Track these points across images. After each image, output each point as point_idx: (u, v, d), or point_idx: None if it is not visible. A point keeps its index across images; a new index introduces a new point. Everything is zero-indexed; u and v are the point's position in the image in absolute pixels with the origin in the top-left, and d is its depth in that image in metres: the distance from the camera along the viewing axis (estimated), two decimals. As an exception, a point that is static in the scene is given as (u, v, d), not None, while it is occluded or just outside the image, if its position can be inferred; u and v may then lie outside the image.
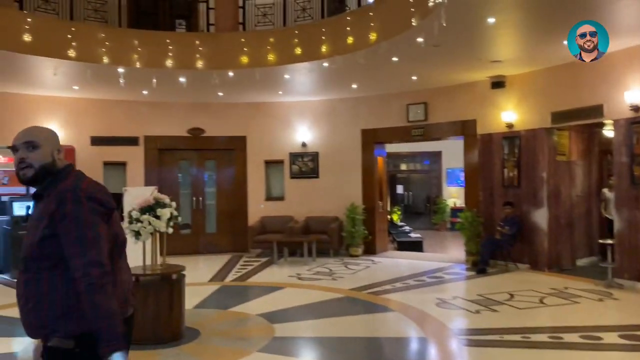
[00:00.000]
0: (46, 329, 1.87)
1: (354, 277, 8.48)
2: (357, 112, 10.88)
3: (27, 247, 1.90)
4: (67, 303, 1.85)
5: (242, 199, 11.42)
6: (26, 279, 1.89)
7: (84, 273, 1.80)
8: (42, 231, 1.85)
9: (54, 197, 1.88)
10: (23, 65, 7.82)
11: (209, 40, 8.47)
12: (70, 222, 1.83)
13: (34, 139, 1.94)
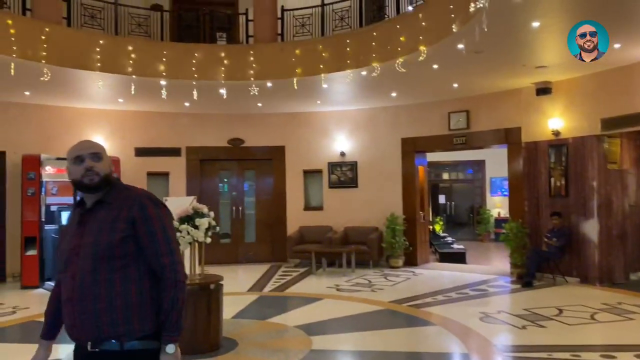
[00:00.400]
0: (119, 329, 1.95)
1: (394, 289, 8.31)
2: (397, 120, 10.74)
3: (101, 248, 1.97)
4: (140, 301, 1.98)
5: (281, 208, 11.44)
6: (96, 279, 1.95)
7: (172, 270, 2.01)
8: (120, 233, 1.97)
9: (127, 203, 2.03)
10: (71, 79, 8.11)
11: (248, 51, 8.55)
12: (155, 224, 2.00)
13: (99, 150, 2.10)
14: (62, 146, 9.92)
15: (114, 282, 1.96)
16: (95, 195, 2.07)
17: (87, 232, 2.02)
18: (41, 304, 7.81)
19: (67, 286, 2.01)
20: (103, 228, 2.00)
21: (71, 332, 2.01)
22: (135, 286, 1.99)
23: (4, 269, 9.38)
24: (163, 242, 2.01)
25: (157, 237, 2.01)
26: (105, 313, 1.95)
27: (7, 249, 9.37)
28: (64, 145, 10.04)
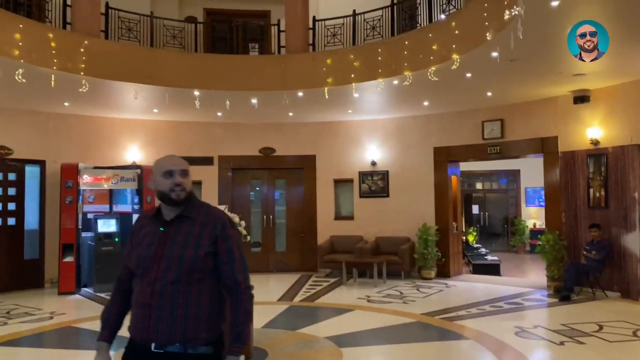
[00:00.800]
0: (187, 335, 2.10)
1: (427, 301, 8.17)
2: (429, 129, 10.62)
3: (186, 261, 2.12)
4: (210, 313, 2.15)
5: (312, 217, 11.43)
6: (176, 289, 2.11)
7: (246, 286, 2.21)
8: (205, 248, 2.15)
9: (209, 221, 2.20)
10: (108, 91, 8.32)
11: (280, 61, 8.62)
12: (233, 243, 2.20)
13: (187, 168, 2.25)
14: (99, 155, 10.21)
15: (191, 293, 2.13)
16: (175, 209, 2.21)
17: (170, 243, 2.16)
18: (77, 309, 8.01)
19: (144, 291, 2.13)
20: (189, 243, 2.15)
21: (140, 333, 2.13)
22: (208, 298, 2.16)
23: (43, 275, 9.64)
24: (239, 260, 2.21)
25: (234, 255, 2.20)
26: (180, 320, 2.10)
27: (46, 255, 9.63)
28: (101, 154, 10.34)
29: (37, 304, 8.14)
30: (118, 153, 10.54)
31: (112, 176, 9.49)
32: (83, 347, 6.15)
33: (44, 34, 7.11)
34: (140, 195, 9.79)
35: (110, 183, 9.52)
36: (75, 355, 5.83)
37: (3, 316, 7.32)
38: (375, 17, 8.99)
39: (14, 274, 9.29)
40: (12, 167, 9.42)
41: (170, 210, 2.22)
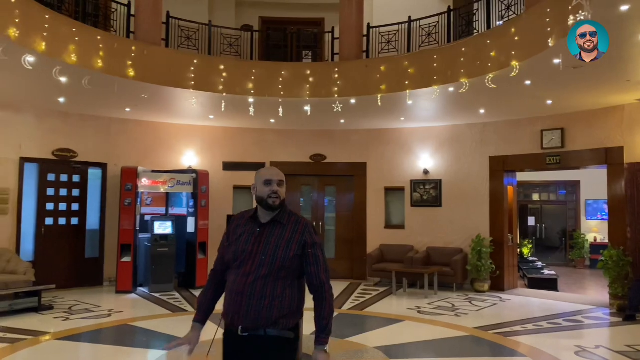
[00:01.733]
0: (271, 321, 2.46)
1: (479, 315, 7.92)
2: (485, 138, 10.34)
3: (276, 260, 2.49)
4: (291, 305, 2.51)
5: (361, 225, 11.36)
6: (265, 283, 2.48)
7: (329, 287, 2.56)
8: (294, 251, 2.52)
9: (298, 228, 2.57)
10: (167, 97, 8.60)
11: (333, 68, 8.63)
12: (318, 249, 2.58)
13: (284, 179, 2.63)
14: (157, 159, 10.56)
15: (277, 286, 2.49)
16: (270, 214, 2.58)
17: (265, 243, 2.53)
18: (133, 308, 8.27)
19: (239, 281, 2.50)
20: (280, 245, 2.53)
21: (231, 318, 2.50)
22: (290, 291, 2.52)
23: (102, 273, 10.05)
24: (322, 263, 2.57)
25: (319, 259, 2.56)
26: (266, 309, 2.46)
27: (105, 254, 10.04)
28: (159, 158, 10.70)
29: (97, 301, 8.48)
30: (175, 157, 10.86)
31: (169, 180, 9.79)
32: (138, 345, 6.35)
33: (111, 43, 7.44)
34: (195, 198, 10.05)
35: (167, 186, 9.82)
36: (131, 353, 6.01)
37: (65, 311, 7.67)
38: (431, 24, 8.87)
39: (76, 271, 9.73)
40: (76, 169, 9.89)
41: (265, 214, 2.59)
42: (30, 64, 6.42)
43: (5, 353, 5.60)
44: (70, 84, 7.42)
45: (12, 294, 7.58)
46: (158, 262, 9.41)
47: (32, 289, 7.77)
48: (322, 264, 2.56)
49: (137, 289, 9.51)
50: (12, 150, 9.05)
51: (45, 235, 9.47)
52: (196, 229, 9.95)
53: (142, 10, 8.24)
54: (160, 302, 8.57)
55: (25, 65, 6.40)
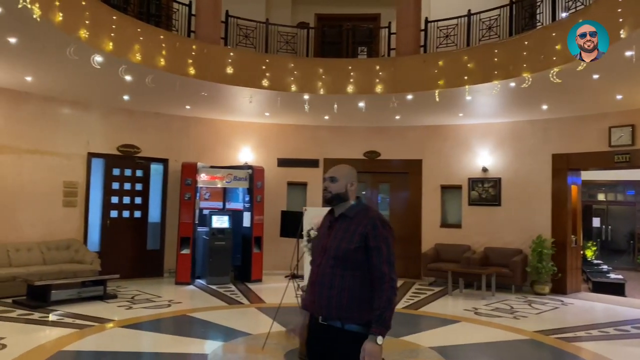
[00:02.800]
0: (342, 313, 2.54)
1: (540, 318, 7.63)
2: (547, 135, 9.93)
3: (340, 252, 2.60)
4: (361, 297, 2.54)
5: (416, 224, 11.19)
6: (333, 273, 2.60)
7: (390, 278, 2.53)
8: (356, 243, 2.58)
9: (363, 222, 2.61)
10: (225, 95, 8.79)
11: (389, 64, 8.54)
12: (381, 241, 2.57)
13: (336, 175, 2.74)
14: (215, 155, 10.82)
15: (344, 278, 2.57)
16: (338, 208, 2.73)
17: (333, 236, 2.67)
18: (192, 299, 8.51)
19: (314, 273, 2.69)
20: (344, 237, 2.62)
21: (310, 306, 2.68)
22: (360, 285, 2.56)
23: (162, 265, 10.42)
24: (385, 255, 2.56)
25: (382, 251, 2.56)
26: (335, 299, 2.56)
27: (165, 246, 10.40)
28: (217, 154, 10.96)
29: (157, 292, 8.80)
30: (231, 154, 11.10)
31: (226, 175, 10.02)
32: (196, 335, 6.54)
33: (173, 42, 7.69)
34: (251, 194, 10.23)
35: (224, 182, 10.05)
36: (190, 343, 6.19)
37: (128, 300, 8.01)
38: (492, 17, 8.59)
39: (138, 262, 10.14)
40: (140, 164, 10.30)
41: (336, 208, 2.74)
42: (99, 63, 6.73)
43: (75, 338, 5.91)
44: (135, 82, 7.72)
45: (79, 282, 7.99)
46: (215, 255, 9.65)
47: (98, 278, 8.17)
48: (384, 256, 2.55)
49: (195, 281, 9.79)
50: (80, 146, 9.52)
51: (110, 227, 9.92)
52: (252, 224, 10.13)
53: (203, 10, 8.46)
54: (217, 294, 8.79)
55: (93, 65, 6.71)
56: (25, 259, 8.37)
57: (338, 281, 2.57)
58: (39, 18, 5.35)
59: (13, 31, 5.85)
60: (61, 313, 7.03)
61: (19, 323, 6.51)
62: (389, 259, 2.56)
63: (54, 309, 7.22)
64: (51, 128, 9.16)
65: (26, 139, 8.81)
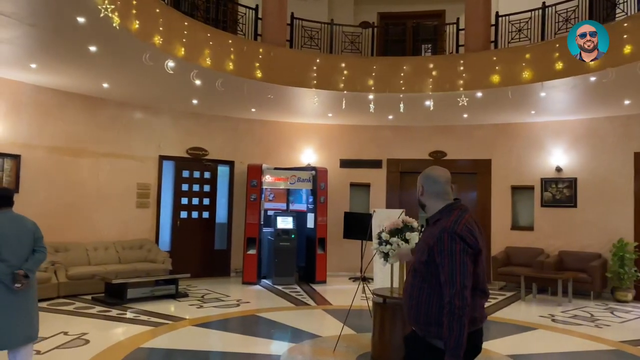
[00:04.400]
0: (420, 326, 2.44)
1: (624, 328, 7.14)
2: (629, 132, 9.31)
3: (416, 263, 2.50)
4: (438, 312, 2.34)
5: (485, 226, 10.77)
6: (413, 283, 2.50)
7: (450, 301, 2.27)
8: (425, 256, 2.41)
9: (434, 232, 2.41)
10: (290, 97, 8.83)
11: (458, 61, 8.27)
12: (445, 256, 2.32)
13: (418, 181, 2.62)
14: (279, 157, 10.92)
15: (422, 290, 2.43)
16: (428, 214, 2.59)
17: (418, 244, 2.62)
18: (259, 299, 8.61)
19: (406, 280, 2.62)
20: (420, 248, 2.51)
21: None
22: (436, 299, 2.36)
23: (229, 265, 10.63)
24: (447, 273, 2.30)
25: (444, 268, 2.32)
26: (414, 310, 2.46)
27: (232, 247, 10.61)
28: (280, 156, 11.06)
29: (226, 291, 8.97)
30: (294, 155, 11.16)
31: (290, 177, 10.08)
32: (265, 335, 6.59)
33: (240, 46, 7.81)
34: (314, 195, 10.24)
35: (288, 183, 10.13)
36: (260, 343, 6.24)
37: (199, 299, 8.21)
38: (569, 9, 8.14)
39: (206, 262, 10.40)
40: (207, 166, 10.57)
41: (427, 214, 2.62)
42: (171, 68, 6.93)
43: (151, 335, 6.11)
44: (204, 86, 7.90)
45: (153, 281, 8.27)
46: (280, 256, 9.73)
47: (171, 277, 8.42)
48: (446, 273, 2.29)
49: (261, 281, 9.91)
50: (152, 149, 9.88)
51: (180, 228, 10.23)
52: (315, 225, 10.14)
53: (269, 13, 8.55)
54: (283, 295, 8.85)
55: (167, 70, 6.91)
56: (102, 257, 8.77)
57: (415, 293, 2.45)
58: (118, 26, 5.56)
59: (94, 40, 6.12)
60: (137, 310, 7.29)
61: (99, 319, 6.80)
62: (451, 277, 2.27)
63: (130, 306, 7.50)
64: (125, 132, 9.55)
65: (103, 143, 9.24)
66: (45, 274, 7.54)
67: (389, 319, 5.16)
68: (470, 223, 2.41)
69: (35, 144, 8.30)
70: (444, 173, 2.59)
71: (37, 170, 8.27)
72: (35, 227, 4.24)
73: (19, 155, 8.06)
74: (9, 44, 6.23)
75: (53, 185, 8.50)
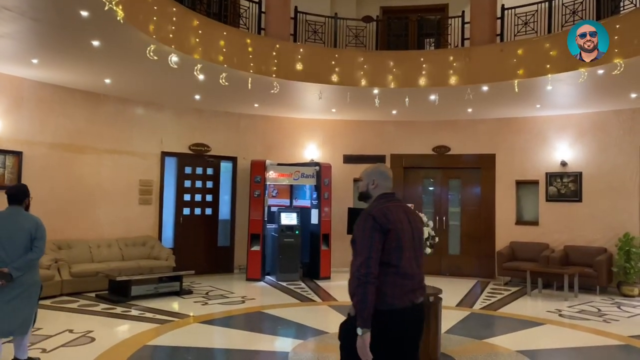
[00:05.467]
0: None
1: (633, 322, 7.10)
2: (635, 126, 9.24)
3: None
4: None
5: (489, 221, 10.74)
6: None
7: (357, 269, 2.56)
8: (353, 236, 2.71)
9: None
10: (294, 92, 8.75)
11: (463, 55, 8.20)
12: (359, 233, 2.64)
13: (361, 175, 2.96)
14: (282, 153, 10.85)
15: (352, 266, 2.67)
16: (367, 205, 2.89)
17: None
18: (264, 296, 8.56)
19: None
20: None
21: None
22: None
23: (233, 261, 10.57)
24: (358, 246, 2.62)
25: (357, 243, 2.64)
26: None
27: (236, 243, 10.54)
28: (284, 152, 10.99)
29: (230, 288, 8.91)
30: (298, 151, 11.09)
31: (294, 172, 10.01)
32: (271, 332, 6.54)
33: (243, 39, 7.72)
34: (318, 191, 10.18)
35: (292, 179, 10.05)
36: (266, 339, 6.19)
37: (203, 296, 8.15)
38: (576, 1, 8.07)
39: (209, 258, 10.33)
40: (210, 162, 10.49)
41: None
42: (175, 63, 6.84)
43: (157, 333, 6.05)
44: (207, 81, 7.81)
45: (157, 278, 8.21)
46: (285, 252, 9.67)
47: (175, 274, 8.36)
48: (358, 247, 2.62)
49: (265, 277, 9.85)
50: (155, 145, 9.80)
51: (183, 224, 10.16)
52: (319, 221, 10.08)
53: (272, 7, 8.46)
54: (288, 291, 8.79)
55: (170, 64, 6.83)
56: (105, 254, 8.71)
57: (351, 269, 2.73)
58: (122, 20, 5.48)
59: (97, 34, 6.03)
60: (142, 308, 7.23)
61: (104, 317, 6.75)
62: (361, 251, 2.58)
63: (135, 303, 7.44)
64: (127, 128, 9.47)
65: (105, 139, 9.16)
66: (48, 272, 7.47)
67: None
68: (389, 209, 2.68)
69: (37, 140, 8.22)
70: (390, 171, 2.95)
71: (39, 167, 8.19)
72: (37, 226, 4.26)
73: (20, 152, 7.97)
74: (10, 39, 6.14)
75: (55, 182, 8.42)
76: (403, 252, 2.65)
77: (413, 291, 2.70)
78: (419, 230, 2.82)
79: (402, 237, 2.66)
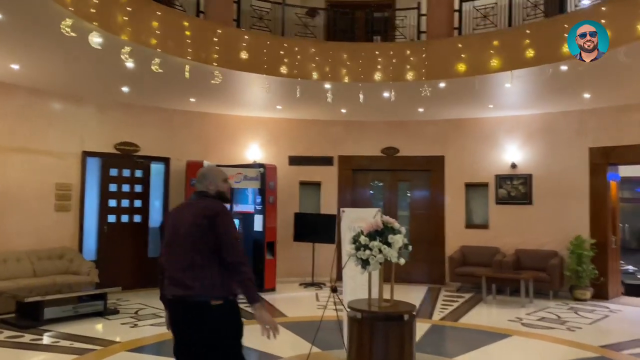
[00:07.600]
0: None
1: (596, 329, 6.85)
2: (583, 127, 9.17)
3: None
4: None
5: (439, 225, 10.37)
6: None
7: None
8: None
9: None
10: (239, 83, 7.88)
11: (420, 48, 7.70)
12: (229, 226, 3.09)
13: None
14: (221, 153, 9.92)
15: None
16: None
17: None
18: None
19: None
20: None
21: None
22: None
23: (165, 274, 9.46)
24: None
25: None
26: None
27: (169, 254, 9.44)
28: (223, 152, 10.05)
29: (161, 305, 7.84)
30: (239, 151, 10.21)
31: (236, 174, 9.11)
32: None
33: (179, 21, 6.79)
34: (262, 195, 9.35)
35: (234, 182, 9.13)
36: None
37: (132, 316, 7.08)
38: (538, -6, 7.81)
39: (138, 271, 9.15)
40: (139, 164, 9.36)
41: None
42: (98, 44, 5.79)
43: (75, 367, 4.99)
44: (137, 69, 6.79)
45: (76, 296, 7.05)
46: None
47: (98, 292, 7.22)
48: None
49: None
50: (74, 144, 8.58)
51: (108, 234, 8.97)
52: (264, 228, 9.23)
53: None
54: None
55: (92, 46, 5.76)
56: (13, 270, 7.42)
57: None
58: (29, -16, 4.43)
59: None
60: (57, 334, 6.09)
61: (8, 348, 5.57)
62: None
63: (48, 329, 6.28)
64: (41, 124, 8.21)
65: (13, 136, 7.87)
66: (-64, 294, 6.14)
67: (367, 337, 4.41)
68: (176, 207, 3.24)
69: None
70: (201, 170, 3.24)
71: None
72: None
73: None
74: None
75: (-52, 186, 7.05)
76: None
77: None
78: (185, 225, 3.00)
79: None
